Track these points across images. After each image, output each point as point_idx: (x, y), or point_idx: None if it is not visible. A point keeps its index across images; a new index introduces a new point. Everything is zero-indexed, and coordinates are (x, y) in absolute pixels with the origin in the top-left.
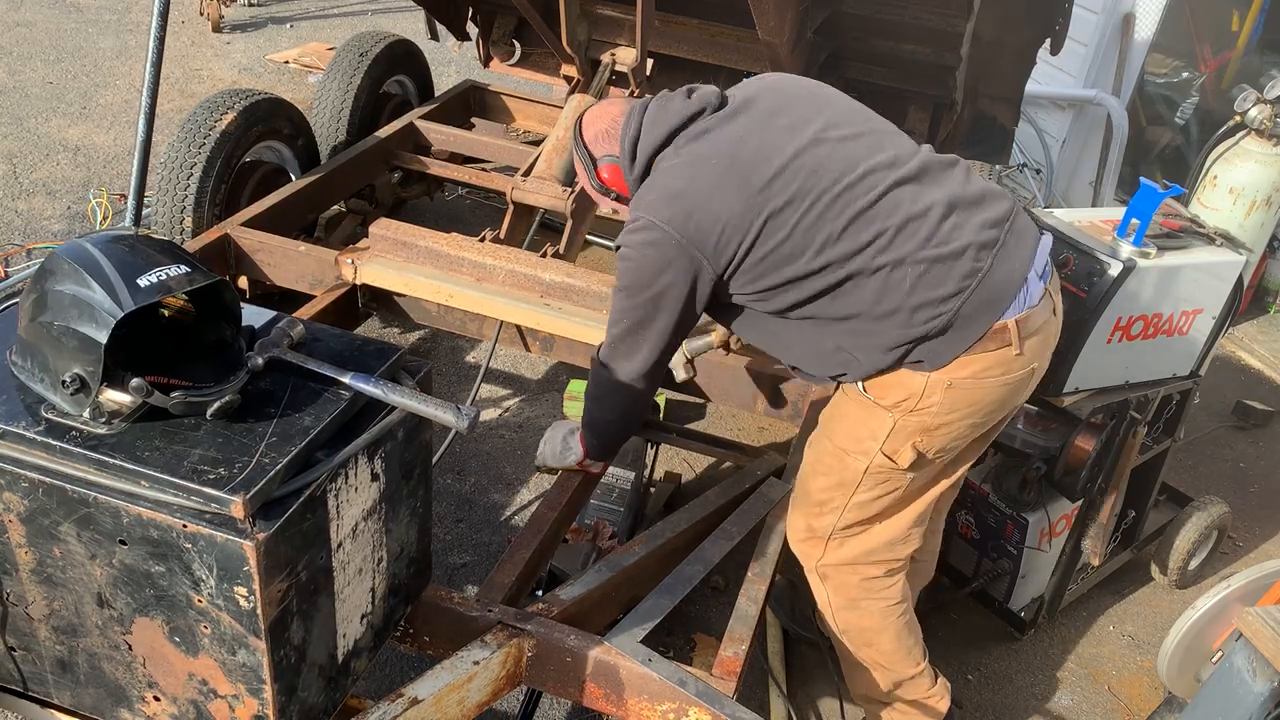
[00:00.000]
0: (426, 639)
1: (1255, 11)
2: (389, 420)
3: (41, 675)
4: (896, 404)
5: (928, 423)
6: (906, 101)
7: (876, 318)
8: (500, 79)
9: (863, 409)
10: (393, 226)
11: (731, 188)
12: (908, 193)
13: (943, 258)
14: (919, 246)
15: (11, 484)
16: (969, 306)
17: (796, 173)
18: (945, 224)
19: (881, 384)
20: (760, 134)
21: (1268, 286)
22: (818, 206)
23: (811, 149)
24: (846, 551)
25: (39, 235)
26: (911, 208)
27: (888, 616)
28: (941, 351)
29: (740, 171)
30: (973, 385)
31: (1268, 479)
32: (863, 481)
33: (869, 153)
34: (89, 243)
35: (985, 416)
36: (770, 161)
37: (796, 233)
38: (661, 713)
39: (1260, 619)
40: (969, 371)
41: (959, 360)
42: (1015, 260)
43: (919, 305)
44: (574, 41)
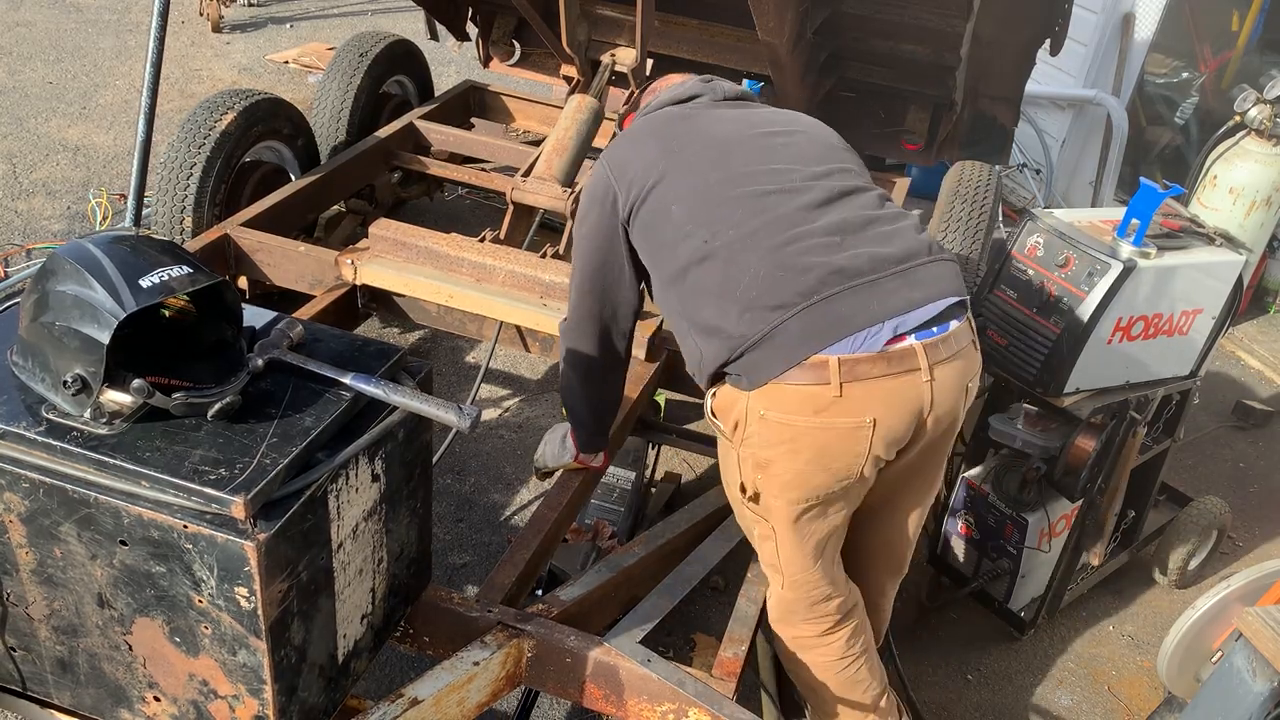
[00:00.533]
0: (426, 639)
1: (1255, 11)
2: (389, 421)
3: (42, 675)
4: (733, 430)
5: (757, 456)
6: (906, 101)
7: (718, 313)
8: (500, 79)
9: (720, 441)
10: (393, 227)
11: (659, 141)
12: (798, 202)
13: (787, 267)
14: (772, 249)
15: (12, 484)
16: (793, 324)
17: (717, 148)
18: (813, 240)
19: (721, 405)
20: (717, 120)
21: (1268, 286)
22: (711, 179)
23: (744, 140)
24: (773, 602)
25: (39, 235)
26: (791, 214)
27: (828, 671)
28: (757, 366)
29: (675, 133)
30: (784, 422)
31: (1268, 479)
32: (745, 515)
33: (796, 162)
34: (90, 243)
35: (813, 467)
36: (703, 134)
37: (686, 196)
38: (661, 713)
39: (1260, 619)
40: (779, 403)
41: (773, 387)
42: (878, 303)
43: (748, 306)
44: (574, 42)
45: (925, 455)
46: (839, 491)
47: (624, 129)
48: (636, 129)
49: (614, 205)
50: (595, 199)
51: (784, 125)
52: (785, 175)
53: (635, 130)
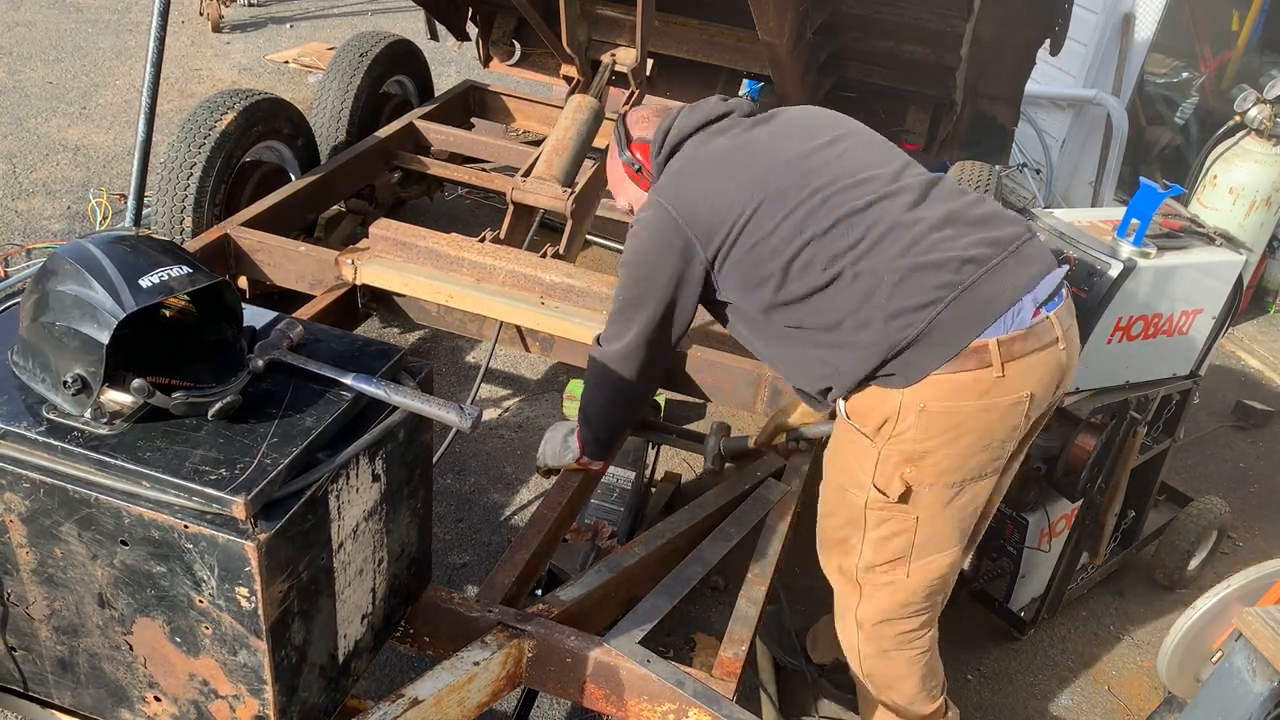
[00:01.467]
0: (426, 639)
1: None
2: (390, 421)
3: (42, 675)
4: (877, 430)
5: (909, 450)
6: (906, 101)
7: (855, 326)
8: (500, 79)
9: (851, 441)
10: (393, 226)
11: (731, 176)
12: (901, 203)
13: (922, 266)
14: (900, 254)
15: (13, 484)
16: (945, 317)
17: (795, 169)
18: (933, 236)
19: (862, 407)
20: (771, 138)
21: (1268, 286)
22: (810, 202)
23: (815, 153)
24: (880, 604)
25: (39, 235)
26: (901, 217)
27: (914, 664)
28: (915, 364)
29: (742, 164)
30: (949, 409)
31: (1268, 479)
32: (867, 518)
33: (872, 165)
34: (90, 243)
35: (975, 448)
36: (772, 158)
37: (785, 224)
38: (661, 713)
39: (1260, 619)
40: (942, 392)
41: (932, 379)
42: (1009, 281)
43: (895, 313)
44: (574, 42)
45: (1036, 424)
46: (992, 469)
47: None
48: (688, 165)
49: (691, 251)
50: (663, 245)
51: (834, 129)
52: (873, 182)
53: (686, 167)
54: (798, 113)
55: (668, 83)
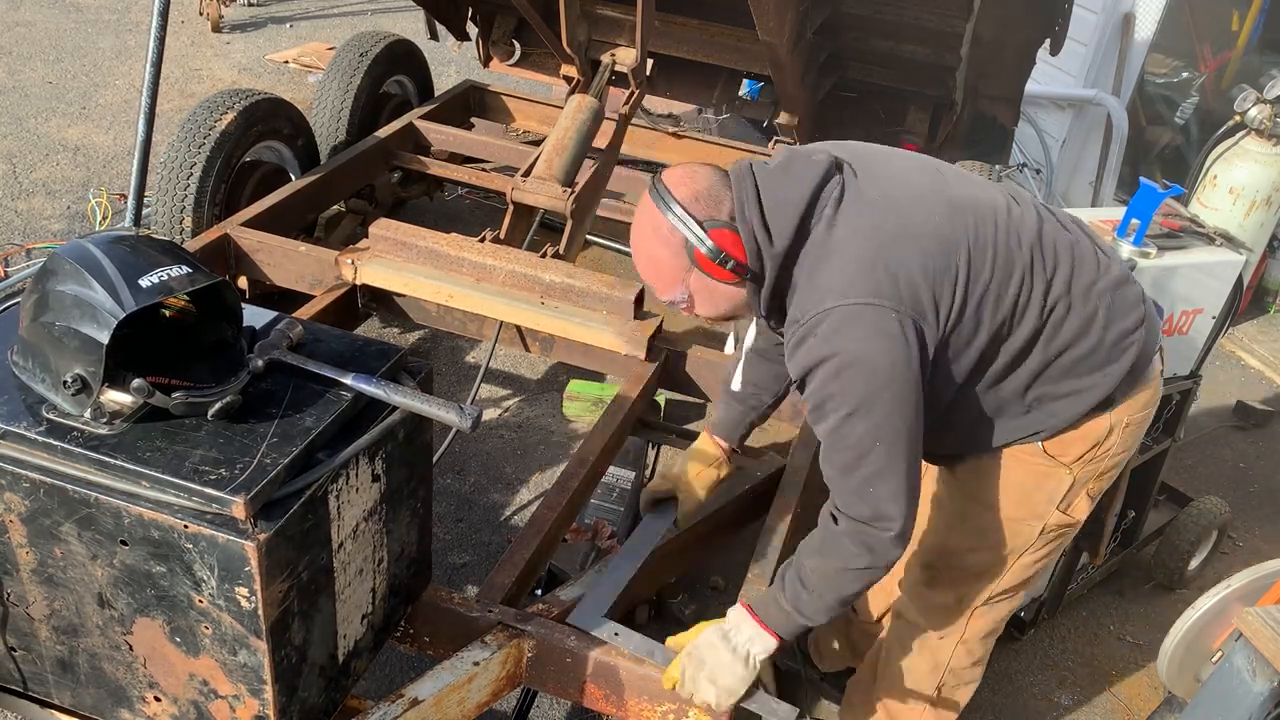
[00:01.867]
0: (426, 639)
1: (1255, 11)
2: (390, 421)
3: (42, 675)
4: (1079, 458)
5: (1103, 467)
6: (906, 101)
7: (1078, 359)
8: (500, 79)
9: (1035, 474)
10: (393, 226)
11: (917, 236)
12: (1037, 230)
13: (1116, 286)
14: (1095, 277)
15: (13, 484)
16: (1147, 335)
17: (966, 207)
18: (1085, 250)
19: (1065, 440)
20: (899, 183)
21: (1268, 286)
22: (999, 238)
23: (948, 190)
24: (991, 618)
25: (39, 235)
26: (1065, 238)
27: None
28: (1130, 385)
29: (919, 215)
30: (1139, 421)
31: (1268, 479)
32: (1034, 544)
33: (993, 193)
34: (90, 243)
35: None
36: (937, 201)
37: (997, 268)
38: (661, 713)
39: (1260, 619)
40: (1139, 404)
41: (1135, 395)
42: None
43: (1116, 338)
44: (574, 42)
45: None
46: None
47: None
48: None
49: (927, 337)
50: (903, 347)
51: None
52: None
53: (860, 251)
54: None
55: (668, 83)
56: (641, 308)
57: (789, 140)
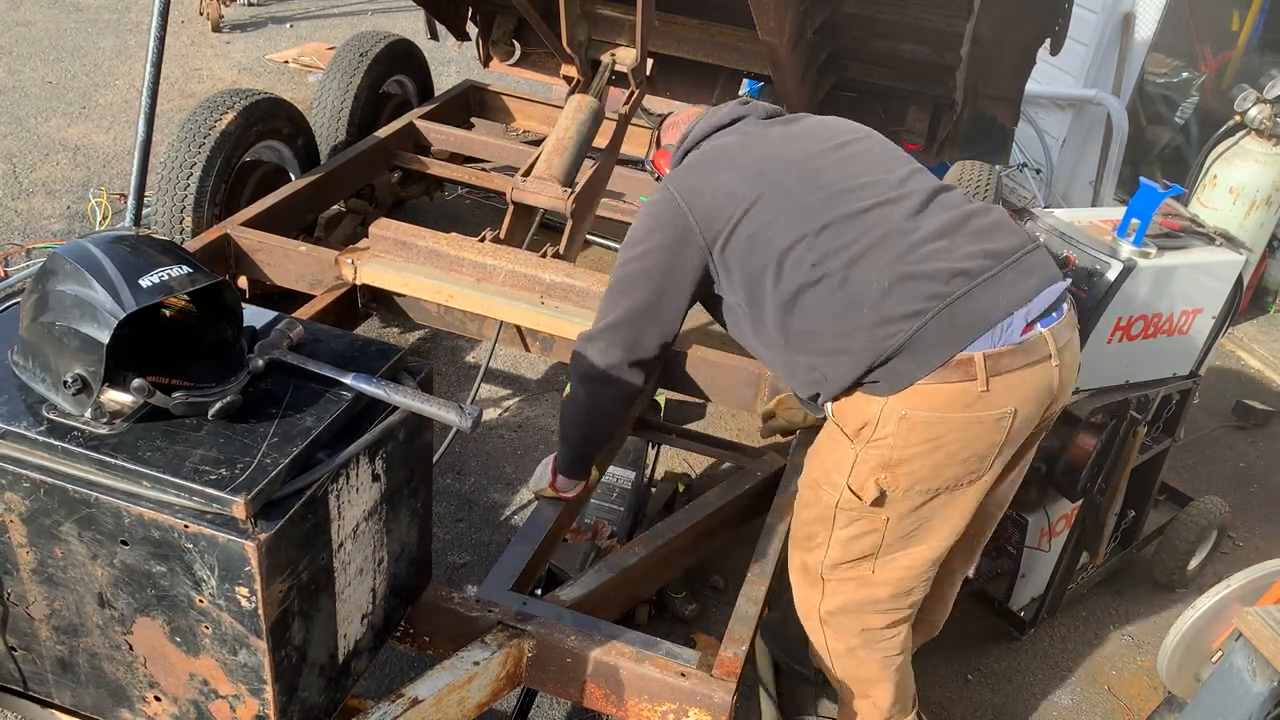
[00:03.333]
0: (426, 639)
1: (1255, 11)
2: (390, 421)
3: (42, 675)
4: (857, 432)
5: (887, 456)
6: (906, 101)
7: (841, 333)
8: (500, 79)
9: (832, 440)
10: (393, 226)
11: (735, 166)
12: (901, 210)
13: (912, 275)
14: (891, 261)
15: (13, 484)
16: (931, 329)
17: (799, 167)
18: (928, 246)
19: (845, 409)
20: (782, 138)
21: (1268, 286)
22: (809, 201)
23: (823, 154)
24: (845, 598)
25: (39, 235)
26: (898, 224)
27: (886, 668)
28: (899, 373)
29: (748, 158)
30: (930, 420)
31: (1268, 479)
32: (837, 517)
33: (877, 171)
34: (91, 243)
35: (958, 459)
36: (779, 155)
37: (782, 218)
38: (661, 713)
39: (1260, 619)
40: (925, 402)
41: (916, 388)
42: (1001, 294)
43: (881, 320)
44: (574, 41)
45: (1029, 442)
46: (969, 480)
47: (662, 166)
48: (700, 158)
49: (690, 235)
50: (662, 227)
51: (847, 134)
52: (876, 187)
53: (698, 159)
54: (817, 119)
55: (668, 83)
56: None
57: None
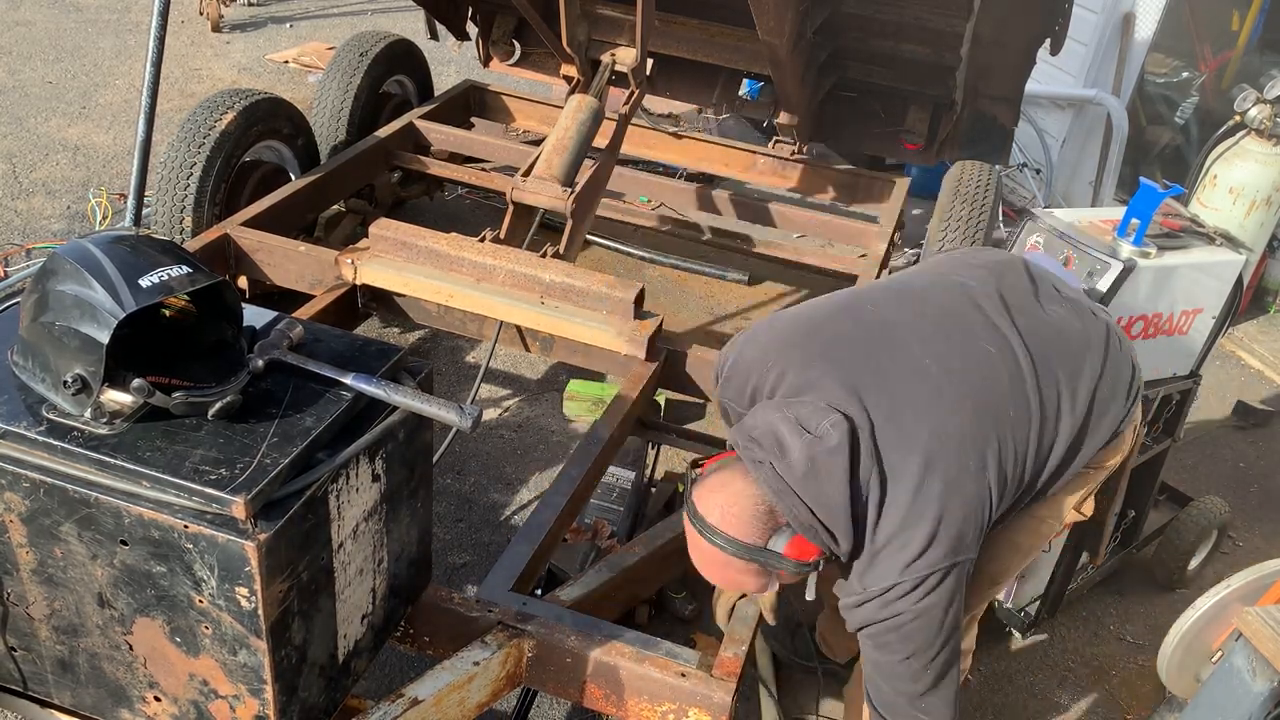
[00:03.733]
0: (426, 639)
1: (1255, 11)
2: (390, 421)
3: (42, 675)
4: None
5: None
6: (906, 101)
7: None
8: (500, 79)
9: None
10: (393, 226)
11: (956, 460)
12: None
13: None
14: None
15: (13, 484)
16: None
17: (981, 390)
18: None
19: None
20: (924, 402)
21: (1268, 286)
22: (1015, 397)
23: (968, 375)
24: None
25: (39, 235)
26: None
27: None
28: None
29: (948, 450)
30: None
31: (1268, 479)
32: (1037, 545)
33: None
34: (90, 243)
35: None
36: (953, 402)
37: (1020, 425)
38: (661, 713)
39: (1260, 619)
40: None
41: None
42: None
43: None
44: (574, 41)
45: None
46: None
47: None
48: (919, 499)
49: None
50: (958, 593)
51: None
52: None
53: (932, 501)
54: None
55: (668, 83)
56: (641, 307)
57: (789, 140)
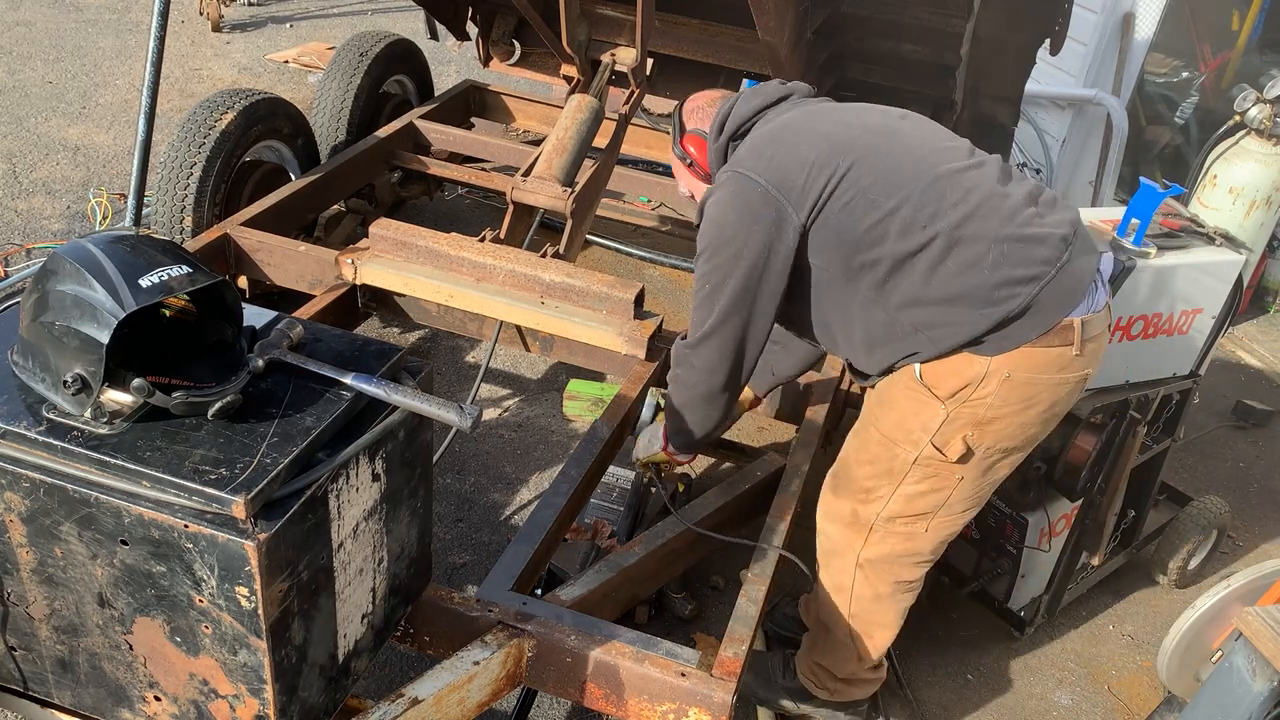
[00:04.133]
0: (427, 639)
1: (1255, 11)
2: (390, 421)
3: (42, 675)
4: (952, 394)
5: (980, 415)
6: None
7: (959, 294)
8: (500, 79)
9: (914, 400)
10: (393, 226)
11: (819, 138)
12: (989, 174)
13: (1024, 239)
14: (1001, 224)
15: (13, 484)
16: (1047, 293)
17: (882, 132)
18: (1026, 211)
19: (940, 372)
20: (849, 109)
21: (1268, 286)
22: (903, 162)
23: (896, 121)
24: (890, 548)
25: (39, 235)
26: (994, 188)
27: (899, 616)
28: (1012, 336)
29: (828, 127)
30: (1029, 381)
31: (1268, 479)
32: (910, 473)
33: (944, 140)
34: (91, 243)
35: (1037, 419)
36: (857, 123)
37: (880, 181)
38: (661, 713)
39: (1260, 619)
40: (1028, 364)
41: (1022, 350)
42: (1087, 265)
43: (1000, 283)
44: (574, 41)
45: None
46: (1035, 441)
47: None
48: (767, 137)
49: (784, 216)
50: (752, 217)
51: (896, 109)
52: (958, 151)
53: (766, 139)
54: (855, 103)
55: (668, 83)
56: (641, 307)
57: None
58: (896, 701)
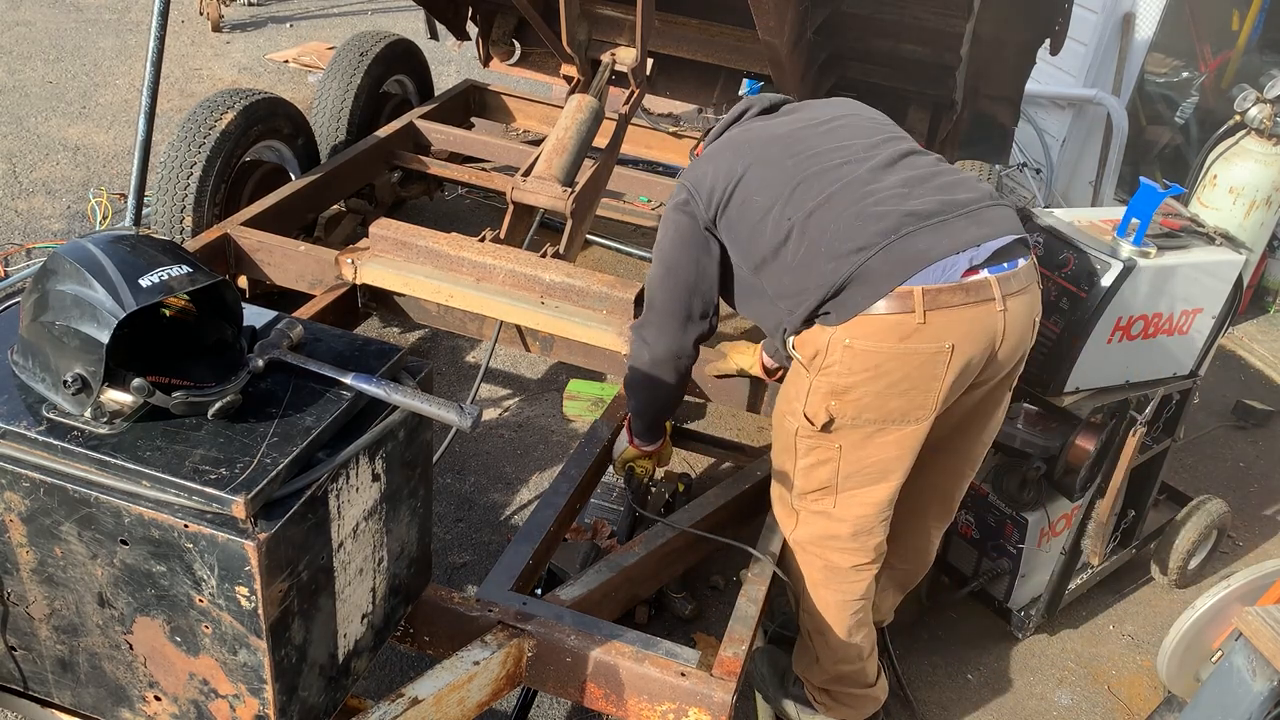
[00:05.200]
0: (427, 639)
1: (1255, 11)
2: (390, 420)
3: (42, 675)
4: (810, 361)
5: (835, 384)
6: (906, 101)
7: (803, 271)
8: (500, 79)
9: (794, 373)
10: (393, 226)
11: (731, 150)
12: (865, 167)
13: (863, 216)
14: (846, 208)
15: (13, 483)
16: (876, 262)
17: (783, 141)
18: (885, 193)
19: (802, 341)
20: (779, 123)
21: (1268, 286)
22: (786, 164)
23: (808, 129)
24: (812, 529)
25: (39, 235)
26: (860, 177)
27: (842, 611)
28: (846, 305)
29: (744, 141)
30: (871, 349)
31: (1268, 479)
32: (797, 445)
33: (855, 138)
34: (91, 242)
35: (893, 391)
36: (768, 135)
37: (764, 184)
38: (661, 713)
39: (1260, 619)
40: (866, 331)
41: (860, 318)
42: (950, 238)
43: (833, 255)
44: (574, 41)
45: (989, 393)
46: (915, 416)
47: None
48: (708, 151)
49: (695, 211)
50: (676, 209)
51: (838, 111)
52: (850, 148)
53: (707, 152)
54: (823, 102)
55: (668, 83)
56: (641, 307)
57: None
58: (896, 701)
